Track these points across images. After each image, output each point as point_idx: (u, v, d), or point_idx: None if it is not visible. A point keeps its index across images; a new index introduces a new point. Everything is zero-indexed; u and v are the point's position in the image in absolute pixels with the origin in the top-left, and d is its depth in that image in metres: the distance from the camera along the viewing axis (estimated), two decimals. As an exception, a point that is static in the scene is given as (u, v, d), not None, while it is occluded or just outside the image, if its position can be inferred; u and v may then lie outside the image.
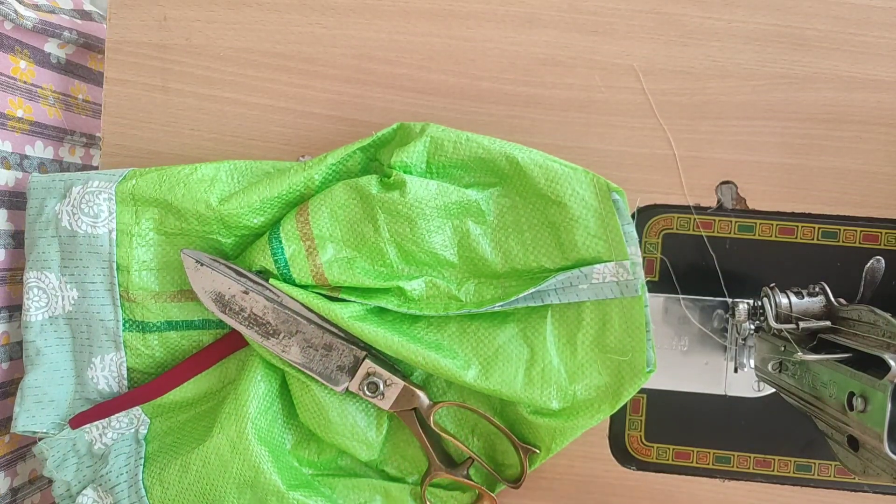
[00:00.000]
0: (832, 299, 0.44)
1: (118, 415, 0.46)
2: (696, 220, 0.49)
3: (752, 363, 0.48)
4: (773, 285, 0.46)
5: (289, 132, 0.50)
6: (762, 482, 0.49)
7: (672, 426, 0.49)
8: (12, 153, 0.52)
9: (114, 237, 0.46)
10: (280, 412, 0.46)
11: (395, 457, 0.48)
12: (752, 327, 0.47)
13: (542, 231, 0.44)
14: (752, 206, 0.49)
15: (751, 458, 0.49)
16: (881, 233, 0.48)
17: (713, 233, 0.49)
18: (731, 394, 0.49)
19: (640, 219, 0.49)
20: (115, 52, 0.51)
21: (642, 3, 0.48)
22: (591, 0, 0.48)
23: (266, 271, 0.45)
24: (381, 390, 0.44)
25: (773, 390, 0.48)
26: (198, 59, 0.50)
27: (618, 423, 0.50)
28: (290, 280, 0.44)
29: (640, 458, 0.50)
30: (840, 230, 0.48)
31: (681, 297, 0.49)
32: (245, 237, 0.46)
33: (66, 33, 0.56)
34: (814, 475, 0.49)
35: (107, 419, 0.46)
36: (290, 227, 0.44)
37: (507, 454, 0.47)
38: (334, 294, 0.44)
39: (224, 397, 0.46)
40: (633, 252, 0.43)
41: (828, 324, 0.43)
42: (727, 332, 0.49)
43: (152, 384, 0.47)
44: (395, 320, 0.45)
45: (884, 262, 0.48)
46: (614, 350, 0.44)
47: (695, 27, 0.48)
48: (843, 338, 0.40)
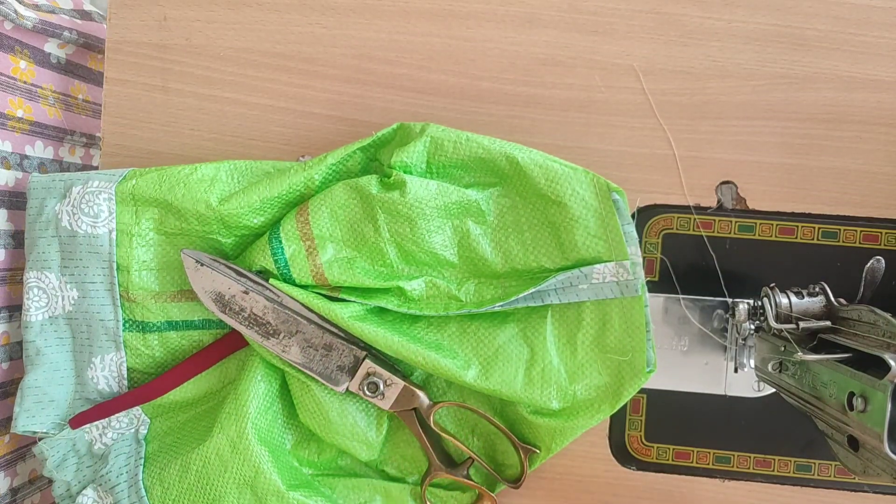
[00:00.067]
0: (832, 299, 0.44)
1: (118, 415, 0.46)
2: (696, 220, 0.49)
3: (752, 363, 0.48)
4: (773, 285, 0.46)
5: (289, 132, 0.50)
6: (762, 482, 0.49)
7: (672, 426, 0.49)
8: (12, 153, 0.52)
9: (114, 237, 0.46)
10: (280, 412, 0.46)
11: (395, 457, 0.48)
12: (752, 327, 0.47)
13: (542, 231, 0.44)
14: (752, 206, 0.49)
15: (751, 458, 0.49)
16: (881, 233, 0.48)
17: (713, 233, 0.49)
18: (731, 394, 0.49)
19: (640, 219, 0.49)
20: (115, 52, 0.51)
21: (642, 3, 0.48)
22: (591, 0, 0.48)
23: (266, 271, 0.45)
24: (381, 390, 0.44)
25: (773, 390, 0.48)
26: (198, 59, 0.50)
27: (618, 423, 0.50)
28: (290, 280, 0.44)
29: (640, 458, 0.50)
30: (840, 230, 0.48)
31: (681, 297, 0.49)
32: (245, 237, 0.46)
33: (66, 33, 0.56)
34: (814, 475, 0.49)
35: (107, 419, 0.46)
36: (290, 227, 0.44)
37: (507, 454, 0.47)
38: (334, 294, 0.44)
39: (224, 397, 0.46)
40: (633, 252, 0.43)
41: (828, 324, 0.43)
42: (727, 332, 0.49)
43: (152, 384, 0.47)
44: (395, 320, 0.45)
45: (884, 262, 0.48)
46: (614, 350, 0.44)
47: (695, 27, 0.48)
48: (843, 338, 0.40)
